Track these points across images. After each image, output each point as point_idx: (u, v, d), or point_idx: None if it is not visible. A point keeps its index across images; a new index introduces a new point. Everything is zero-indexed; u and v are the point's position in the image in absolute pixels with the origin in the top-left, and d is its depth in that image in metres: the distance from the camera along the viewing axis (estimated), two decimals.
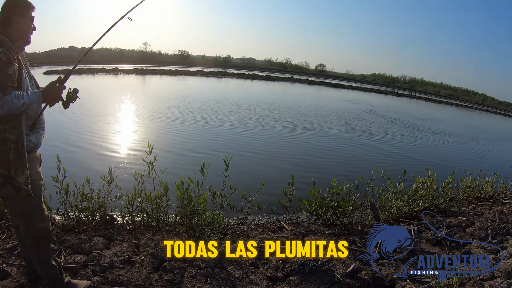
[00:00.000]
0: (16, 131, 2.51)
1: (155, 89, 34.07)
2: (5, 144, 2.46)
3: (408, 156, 12.74)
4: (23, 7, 2.58)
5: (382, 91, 58.25)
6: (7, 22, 2.53)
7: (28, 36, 2.67)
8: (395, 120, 22.74)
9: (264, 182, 4.72)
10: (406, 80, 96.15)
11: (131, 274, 3.32)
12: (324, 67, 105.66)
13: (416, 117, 27.03)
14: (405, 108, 35.90)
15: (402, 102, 44.43)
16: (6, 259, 3.46)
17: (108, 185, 4.42)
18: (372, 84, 77.76)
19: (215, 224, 4.21)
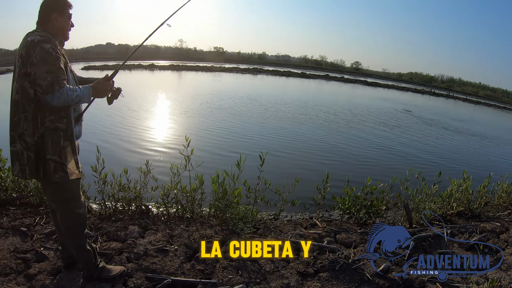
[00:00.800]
0: (65, 120, 2.68)
1: (191, 85, 34.51)
2: (56, 132, 2.64)
3: (444, 158, 12.37)
4: (61, 5, 2.73)
5: (419, 90, 56.84)
6: (47, 20, 2.69)
7: (67, 32, 2.82)
8: (432, 121, 22.12)
9: (298, 178, 4.73)
10: (443, 79, 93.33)
11: (165, 263, 3.43)
12: (360, 65, 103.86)
13: (454, 118, 26.17)
14: (442, 109, 34.80)
15: (439, 102, 43.16)
16: (44, 243, 3.66)
17: (144, 177, 4.55)
18: (408, 83, 75.57)
19: (249, 218, 4.27)
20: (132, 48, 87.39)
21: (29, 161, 2.64)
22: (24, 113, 2.58)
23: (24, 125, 2.59)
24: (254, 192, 4.64)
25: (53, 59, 2.51)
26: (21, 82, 2.56)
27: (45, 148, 2.62)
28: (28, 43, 2.52)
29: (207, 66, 58.78)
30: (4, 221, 4.03)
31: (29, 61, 2.49)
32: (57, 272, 3.24)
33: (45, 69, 2.47)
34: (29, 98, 2.55)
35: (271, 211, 5.03)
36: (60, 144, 2.68)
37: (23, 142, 2.62)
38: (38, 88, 2.49)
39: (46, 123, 2.60)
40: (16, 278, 3.13)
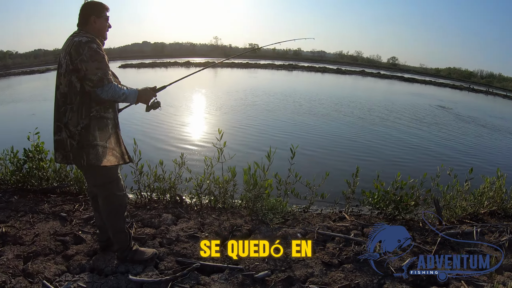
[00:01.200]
0: (110, 110, 2.96)
1: (226, 81, 34.83)
2: (103, 120, 2.91)
3: (479, 157, 11.94)
4: (98, 8, 2.98)
5: (457, 86, 54.77)
6: (86, 22, 2.94)
7: (105, 33, 3.08)
8: (470, 118, 21.32)
9: (328, 172, 4.80)
10: (483, 75, 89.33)
11: (195, 248, 3.59)
12: (396, 60, 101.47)
13: (492, 116, 25.17)
14: (481, 105, 33.57)
15: (479, 99, 41.50)
16: (82, 227, 3.95)
17: (179, 168, 4.77)
18: (446, 79, 73.24)
19: (278, 209, 4.38)
20: (168, 46, 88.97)
21: (72, 148, 2.88)
22: (71, 105, 2.82)
23: (70, 115, 2.83)
24: (284, 185, 4.75)
25: (101, 57, 2.78)
26: (69, 77, 2.79)
27: (91, 135, 2.86)
28: (76, 43, 2.76)
29: (242, 62, 59.08)
30: (46, 207, 4.35)
31: (79, 58, 2.73)
32: (93, 253, 3.49)
33: (95, 66, 2.74)
34: (75, 91, 2.79)
35: (301, 204, 5.10)
36: (108, 131, 2.95)
37: (67, 130, 2.85)
38: (89, 82, 2.74)
39: (93, 112, 2.85)
40: (55, 258, 3.39)
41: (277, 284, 3.15)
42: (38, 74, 40.43)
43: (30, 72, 42.16)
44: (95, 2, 2.98)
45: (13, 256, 3.33)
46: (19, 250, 3.43)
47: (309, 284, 3.18)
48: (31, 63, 58.89)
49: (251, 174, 4.47)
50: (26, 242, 3.59)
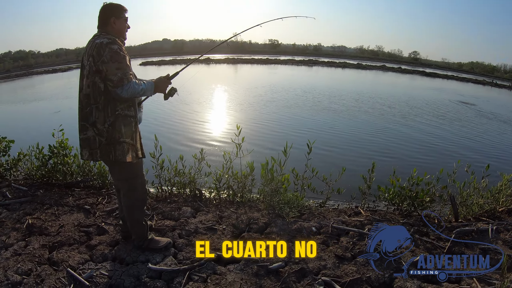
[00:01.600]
0: (132, 108, 3.12)
1: (246, 78, 34.91)
2: (127, 118, 3.07)
3: (497, 154, 11.71)
4: (118, 10, 3.11)
5: (480, 81, 53.08)
6: (106, 24, 3.08)
7: (124, 33, 3.22)
8: (493, 114, 20.68)
9: (345, 168, 4.87)
10: (506, 69, 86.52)
11: (212, 240, 3.73)
12: (418, 54, 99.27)
13: None
14: (505, 101, 32.60)
15: (502, 94, 40.34)
16: (105, 219, 4.15)
17: (199, 163, 4.92)
18: (469, 74, 71.25)
19: (294, 203, 4.47)
20: (188, 43, 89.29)
21: (100, 145, 3.04)
22: (96, 104, 2.97)
23: (96, 114, 2.98)
24: (301, 179, 4.83)
25: (121, 58, 2.91)
26: (93, 78, 2.94)
27: (117, 133, 3.02)
28: (97, 45, 2.91)
29: (262, 58, 59.06)
30: (70, 200, 4.58)
31: (101, 60, 2.88)
32: (115, 243, 3.68)
33: (115, 66, 2.88)
34: (99, 91, 2.95)
35: (318, 199, 5.16)
36: (132, 129, 3.11)
37: (95, 129, 3.01)
38: (110, 82, 2.89)
39: (118, 111, 3.01)
40: (79, 247, 3.60)
41: (291, 275, 3.25)
42: (60, 73, 41.48)
43: (53, 71, 43.19)
44: (114, 4, 3.12)
45: (39, 245, 3.55)
46: (44, 240, 3.65)
47: (321, 276, 3.27)
48: (53, 62, 60.15)
49: (268, 169, 4.57)
50: (52, 233, 3.81)
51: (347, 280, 3.23)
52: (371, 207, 5.16)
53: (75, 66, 49.07)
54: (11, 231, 3.82)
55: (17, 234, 3.76)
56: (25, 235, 3.77)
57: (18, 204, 4.45)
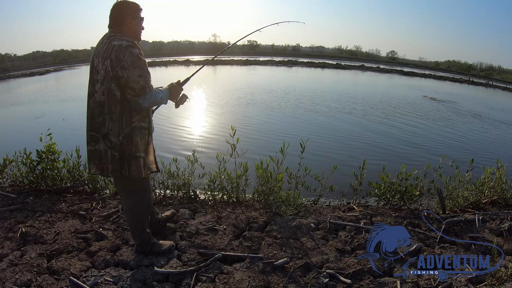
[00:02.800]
0: (147, 119, 2.97)
1: (226, 79, 34.76)
2: (142, 131, 2.92)
3: (479, 147, 12.26)
4: (134, 9, 2.88)
5: (457, 79, 54.28)
6: (121, 23, 2.85)
7: (140, 35, 3.00)
8: (471, 110, 21.26)
9: (336, 165, 4.96)
10: (482, 67, 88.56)
11: (215, 240, 3.76)
12: (395, 54, 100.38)
13: (493, 108, 25.29)
14: (481, 98, 33.70)
15: (479, 91, 41.47)
16: (102, 224, 4.06)
17: (192, 165, 4.89)
18: (446, 72, 72.82)
19: (291, 201, 4.56)
20: (166, 45, 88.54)
21: (113, 160, 2.88)
22: (110, 114, 2.78)
23: (110, 126, 2.79)
24: (295, 178, 4.88)
25: (143, 64, 2.73)
26: (109, 84, 2.72)
27: (133, 146, 2.87)
28: (116, 48, 2.66)
29: (242, 60, 58.75)
30: (63, 206, 4.46)
31: (120, 65, 2.65)
32: (116, 249, 3.62)
33: (137, 73, 2.69)
34: (115, 99, 2.75)
35: (310, 197, 5.26)
36: (146, 142, 2.99)
37: (107, 141, 2.84)
38: (130, 91, 2.72)
39: (134, 122, 2.85)
40: (79, 254, 3.50)
41: (296, 270, 3.33)
42: (38, 76, 40.21)
43: (30, 74, 41.86)
44: (130, 2, 2.88)
45: (36, 254, 3.42)
46: (41, 249, 3.52)
47: (325, 269, 3.37)
48: (30, 65, 58.58)
49: (264, 168, 4.64)
50: (48, 241, 3.69)
51: (350, 271, 3.34)
52: (362, 203, 5.29)
53: (53, 69, 47.97)
54: (4, 240, 3.68)
55: (11, 244, 3.63)
56: (19, 244, 3.64)
57: (8, 212, 4.29)
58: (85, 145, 2.96)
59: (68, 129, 11.77)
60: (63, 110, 16.02)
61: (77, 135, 9.89)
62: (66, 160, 5.08)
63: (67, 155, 5.11)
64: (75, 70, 46.29)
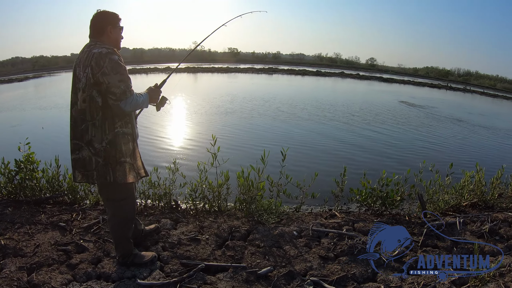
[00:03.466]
0: (129, 125, 2.96)
1: (208, 86, 34.70)
2: (125, 137, 2.91)
3: (458, 152, 12.49)
4: (114, 18, 2.95)
5: (435, 85, 55.34)
6: (102, 33, 2.90)
7: (120, 44, 3.04)
8: (450, 115, 21.74)
9: (317, 173, 4.98)
10: (460, 73, 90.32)
11: (197, 250, 3.73)
12: (375, 61, 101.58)
13: (471, 112, 25.85)
14: (459, 103, 34.40)
15: (457, 97, 42.30)
16: (83, 236, 3.97)
17: (173, 174, 4.86)
18: (424, 78, 74.24)
19: (273, 209, 4.55)
20: (147, 52, 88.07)
21: (97, 166, 2.88)
22: (92, 121, 2.79)
23: (93, 132, 2.80)
24: (276, 186, 4.89)
25: (123, 69, 2.77)
26: (90, 91, 2.75)
27: (117, 152, 2.87)
28: (96, 55, 2.71)
29: (222, 67, 58.75)
30: (42, 218, 4.34)
31: (101, 71, 2.69)
32: (97, 261, 3.54)
33: (117, 79, 2.72)
34: (97, 106, 2.77)
35: (292, 204, 5.27)
36: (130, 147, 2.97)
37: (91, 148, 2.84)
38: (112, 96, 2.73)
39: (117, 128, 2.85)
40: (59, 267, 3.42)
41: (280, 279, 3.33)
42: (16, 83, 39.27)
43: (8, 81, 40.93)
44: (110, 12, 2.95)
45: (15, 268, 3.32)
46: (21, 262, 3.42)
47: (309, 277, 3.37)
48: (9, 71, 57.30)
49: (245, 177, 4.63)
50: (28, 254, 3.59)
51: (334, 278, 3.36)
52: (344, 209, 5.34)
53: (32, 75, 47.01)
54: None
55: None
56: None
57: None
58: (65, 154, 3.01)
59: (47, 138, 11.51)
60: (42, 118, 15.68)
61: (57, 144, 9.74)
62: (45, 170, 4.96)
63: (46, 164, 4.98)
64: (55, 77, 45.44)
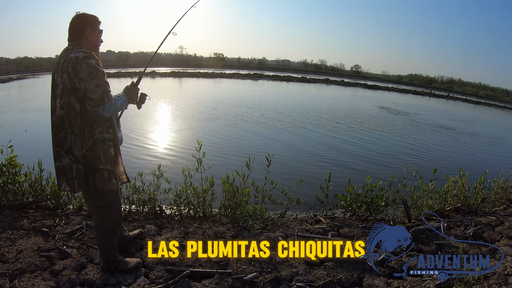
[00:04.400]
0: (111, 130, 2.89)
1: (193, 91, 34.56)
2: (106, 143, 2.84)
3: (441, 158, 12.72)
4: (93, 21, 2.89)
5: (419, 92, 56.31)
6: (80, 36, 2.83)
7: (98, 47, 2.98)
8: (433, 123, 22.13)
9: (302, 179, 4.97)
10: (443, 80, 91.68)
11: (182, 256, 3.67)
12: (359, 68, 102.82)
13: (454, 119, 26.33)
14: (443, 109, 35.03)
15: (440, 103, 43.05)
16: (66, 242, 3.89)
17: (157, 180, 4.80)
18: (408, 85, 75.39)
19: (258, 215, 4.55)
20: (132, 55, 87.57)
21: (78, 174, 2.81)
22: (71, 128, 2.73)
23: (72, 139, 2.74)
24: (261, 192, 4.88)
25: (101, 74, 2.69)
26: (67, 98, 2.68)
27: (96, 159, 2.80)
28: (73, 60, 2.63)
29: (208, 72, 58.58)
30: (25, 223, 4.25)
31: (78, 77, 2.62)
32: (81, 267, 3.47)
33: (94, 84, 2.64)
34: (75, 113, 2.70)
35: (277, 210, 5.26)
36: (111, 154, 2.89)
37: (71, 155, 2.78)
38: (89, 101, 2.66)
39: (96, 135, 2.78)
40: (42, 274, 3.34)
41: (266, 285, 3.31)
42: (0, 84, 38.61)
43: None
44: (89, 14, 2.88)
45: None
46: (3, 268, 3.35)
47: (295, 283, 3.36)
48: None
49: (230, 183, 4.61)
50: (10, 260, 3.50)
51: (320, 283, 3.36)
52: (329, 214, 5.34)
53: (16, 77, 45.99)
54: None
55: None
56: None
57: None
58: (48, 158, 2.96)
59: (30, 141, 11.33)
60: (25, 121, 15.43)
61: (40, 148, 9.62)
62: (28, 174, 4.85)
63: (29, 168, 4.87)
64: (39, 79, 44.69)
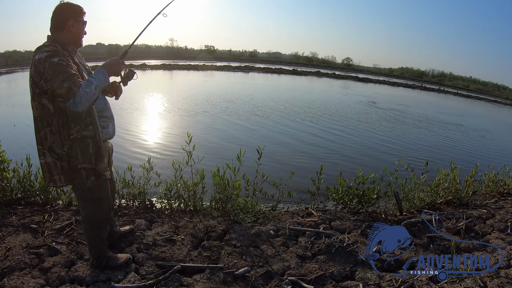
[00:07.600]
0: (91, 127, 2.77)
1: (183, 85, 34.31)
2: (84, 141, 2.74)
3: (432, 151, 12.77)
4: (77, 11, 2.72)
5: (410, 85, 56.17)
6: (62, 27, 2.68)
7: (81, 39, 2.83)
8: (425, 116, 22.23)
9: (294, 171, 4.98)
10: (434, 74, 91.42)
11: (173, 251, 3.65)
12: (351, 61, 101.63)
13: (444, 112, 26.41)
14: (434, 103, 35.11)
15: (431, 97, 43.13)
16: (55, 238, 3.83)
17: (147, 173, 4.76)
18: (399, 78, 74.88)
19: (249, 209, 4.52)
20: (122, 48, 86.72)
21: (63, 170, 2.76)
22: (49, 127, 2.65)
23: (51, 139, 2.67)
24: (252, 185, 4.86)
25: (64, 67, 2.51)
26: (39, 100, 2.60)
27: (74, 159, 2.73)
28: (36, 62, 2.53)
29: (198, 65, 57.97)
30: (14, 219, 4.17)
31: (43, 78, 2.51)
32: (70, 264, 3.42)
33: (60, 80, 2.48)
34: (50, 113, 2.61)
35: (268, 203, 5.24)
36: (90, 152, 2.78)
37: (54, 154, 2.71)
38: (59, 98, 2.51)
39: (73, 134, 2.68)
40: (31, 271, 3.29)
41: (258, 279, 3.29)
42: None
43: None
44: (74, 4, 2.73)
45: None
46: None
47: (287, 276, 3.34)
48: None
49: (221, 176, 4.56)
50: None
51: (312, 277, 3.35)
52: (321, 207, 5.31)
53: (5, 71, 44.68)
54: None
55: None
56: None
57: None
58: (36, 153, 2.82)
59: (18, 136, 11.18)
60: (14, 115, 15.22)
61: (28, 143, 9.45)
62: (16, 170, 4.76)
63: (17, 164, 4.79)
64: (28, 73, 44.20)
